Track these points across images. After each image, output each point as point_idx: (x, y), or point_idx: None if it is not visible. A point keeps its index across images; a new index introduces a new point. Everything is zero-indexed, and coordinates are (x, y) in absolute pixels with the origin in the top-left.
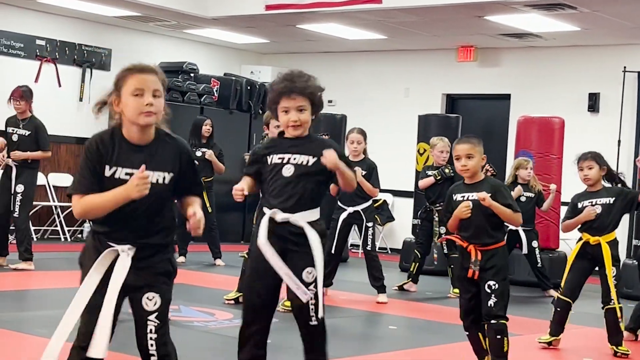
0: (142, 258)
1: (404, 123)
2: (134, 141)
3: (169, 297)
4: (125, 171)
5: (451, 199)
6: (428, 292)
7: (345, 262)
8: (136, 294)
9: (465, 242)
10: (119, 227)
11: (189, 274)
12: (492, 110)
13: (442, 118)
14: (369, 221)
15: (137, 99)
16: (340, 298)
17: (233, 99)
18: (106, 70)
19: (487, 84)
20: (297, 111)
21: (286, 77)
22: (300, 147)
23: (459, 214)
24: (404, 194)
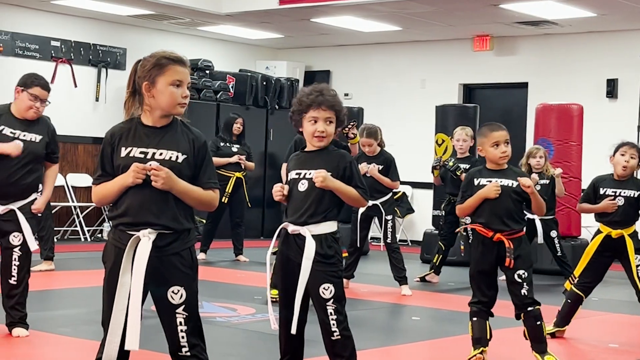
0: (162, 246)
1: (421, 114)
2: (152, 124)
3: (195, 289)
4: (140, 150)
5: (472, 183)
6: (450, 282)
7: (366, 255)
8: (159, 289)
9: (490, 231)
10: (136, 211)
11: (210, 270)
12: (510, 99)
13: (459, 108)
14: (387, 214)
15: (175, 90)
16: (362, 290)
17: (249, 95)
18: (121, 69)
19: (504, 72)
20: (325, 123)
21: (315, 89)
22: (315, 161)
23: (488, 192)
24: (423, 186)
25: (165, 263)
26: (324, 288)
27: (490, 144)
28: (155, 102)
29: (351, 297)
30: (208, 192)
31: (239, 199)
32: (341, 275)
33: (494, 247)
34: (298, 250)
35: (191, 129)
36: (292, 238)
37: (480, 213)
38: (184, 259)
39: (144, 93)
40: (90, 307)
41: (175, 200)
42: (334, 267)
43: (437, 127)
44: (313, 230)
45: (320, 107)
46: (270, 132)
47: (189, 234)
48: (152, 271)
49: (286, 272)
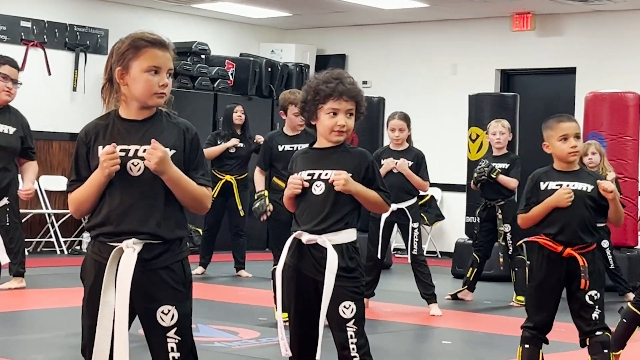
0: (149, 259)
1: (452, 105)
2: (131, 117)
3: (189, 309)
4: (120, 148)
5: (537, 187)
6: (486, 300)
7: (388, 269)
8: (147, 310)
9: (559, 245)
10: (118, 218)
11: (207, 287)
12: (555, 87)
13: (496, 97)
14: (414, 221)
15: (151, 77)
16: (384, 311)
17: (251, 83)
18: (103, 54)
19: (547, 56)
20: (346, 115)
21: (333, 76)
22: (332, 160)
23: (559, 200)
24: (455, 188)
25: (153, 278)
26: (345, 307)
27: (558, 137)
28: (129, 91)
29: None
30: (202, 188)
31: (243, 205)
32: (363, 291)
33: (562, 263)
34: (314, 264)
35: (178, 119)
36: (306, 249)
37: (548, 223)
38: (175, 273)
39: (117, 81)
40: (66, 330)
41: (165, 204)
42: (356, 282)
43: (471, 120)
44: (333, 240)
45: (341, 97)
46: (276, 126)
47: (180, 244)
48: (138, 288)
49: (299, 289)
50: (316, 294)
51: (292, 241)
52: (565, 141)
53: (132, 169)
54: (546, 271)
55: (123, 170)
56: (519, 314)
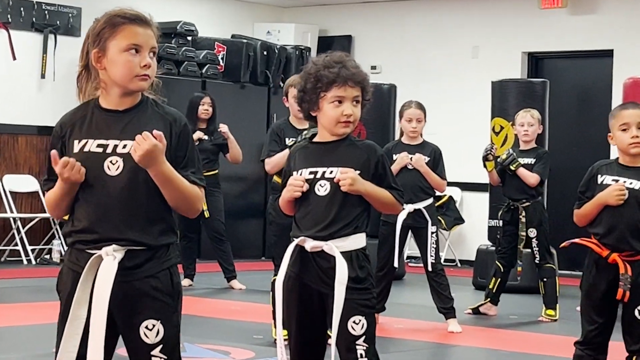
0: (131, 268)
1: (472, 93)
2: (112, 106)
3: (177, 324)
4: (98, 143)
5: (594, 181)
6: (512, 315)
7: (400, 280)
8: (129, 325)
9: (605, 249)
10: (95, 223)
11: (195, 302)
12: (590, 72)
13: (523, 84)
14: (433, 224)
15: (131, 58)
16: (396, 327)
17: (244, 68)
18: (75, 35)
19: (581, 37)
20: (352, 103)
21: (334, 60)
22: (336, 155)
23: (608, 197)
24: (476, 187)
25: (135, 289)
26: (354, 322)
27: (619, 127)
28: (107, 76)
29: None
30: (193, 187)
31: (212, 207)
32: (375, 304)
33: (609, 271)
34: (319, 274)
35: (166, 109)
36: (310, 258)
37: (597, 223)
38: (162, 283)
39: (94, 65)
40: (35, 350)
41: (149, 206)
42: (367, 293)
43: (494, 110)
44: (341, 246)
45: (346, 83)
46: (273, 117)
47: (168, 251)
48: (118, 301)
49: (301, 303)
50: (321, 308)
51: (293, 248)
52: (626, 131)
53: (109, 168)
54: (594, 278)
55: (99, 169)
56: (549, 330)
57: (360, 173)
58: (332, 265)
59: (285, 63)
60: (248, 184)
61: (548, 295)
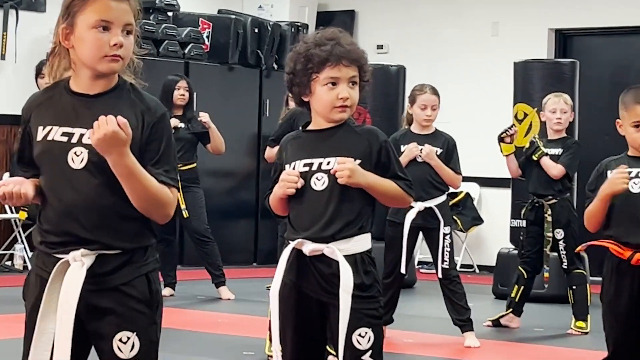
0: (103, 274)
1: (492, 75)
2: (83, 90)
3: (155, 337)
4: (63, 130)
5: (604, 177)
6: (537, 328)
7: (411, 288)
8: (102, 338)
9: (628, 249)
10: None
11: (178, 313)
12: (624, 51)
13: (549, 65)
14: (446, 224)
15: (100, 35)
16: (406, 341)
17: (233, 48)
18: (39, 11)
19: (616, 11)
20: (348, 85)
21: (326, 37)
22: (334, 144)
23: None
24: (496, 183)
25: (108, 298)
26: (360, 335)
27: (632, 123)
28: (76, 55)
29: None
30: (162, 188)
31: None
32: (382, 314)
33: (634, 275)
34: (319, 281)
35: (144, 97)
36: (308, 263)
37: (612, 223)
38: (138, 291)
39: (62, 42)
40: None
41: (123, 204)
42: (374, 302)
43: (517, 94)
44: (344, 249)
45: (340, 62)
46: (265, 103)
47: (145, 255)
48: (90, 311)
49: (299, 314)
50: (321, 320)
51: (289, 253)
52: (638, 129)
53: (73, 160)
54: (616, 286)
55: (63, 161)
56: (579, 345)
57: (361, 163)
58: (334, 271)
59: (280, 42)
60: (237, 180)
61: (578, 304)
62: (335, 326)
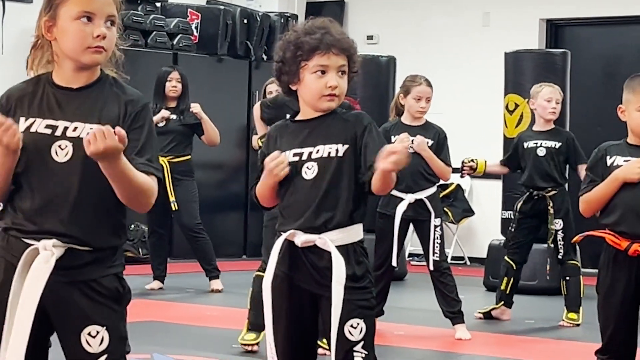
0: (73, 268)
1: (482, 65)
2: (66, 83)
3: (123, 332)
4: (46, 123)
5: (603, 162)
6: (529, 320)
7: (402, 281)
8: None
9: (625, 240)
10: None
11: (166, 307)
12: (616, 41)
13: (541, 55)
14: (437, 216)
15: (83, 27)
16: (397, 334)
17: (222, 39)
18: (26, 1)
19: (606, 2)
20: (338, 74)
21: (316, 26)
22: (323, 132)
23: (627, 172)
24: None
25: (78, 292)
26: (352, 326)
27: (638, 107)
28: (58, 47)
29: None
30: (146, 179)
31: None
32: (374, 305)
33: (631, 266)
34: (310, 273)
35: (126, 89)
36: (300, 254)
37: (610, 210)
38: (106, 288)
39: (44, 35)
40: None
41: (100, 201)
42: (366, 293)
43: (508, 85)
44: (336, 240)
45: (330, 50)
46: (254, 95)
47: (114, 256)
48: (57, 302)
49: (291, 306)
50: (313, 311)
51: (281, 244)
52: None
53: (57, 153)
54: (612, 277)
55: (46, 154)
56: (571, 337)
57: (348, 148)
58: (326, 262)
59: (269, 33)
60: (226, 172)
61: (571, 296)
62: (327, 317)
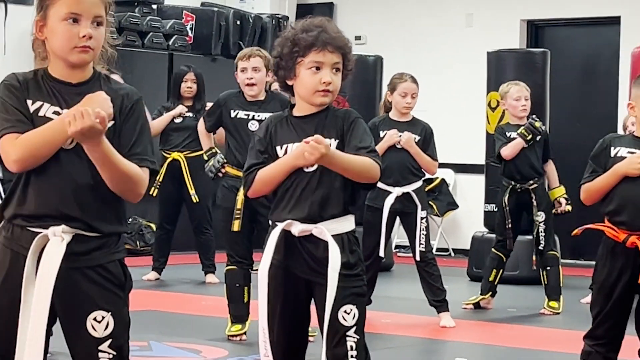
0: (80, 254)
1: (466, 65)
2: (62, 77)
3: (127, 318)
4: (54, 109)
5: (607, 153)
6: (511, 308)
7: (389, 271)
8: (74, 317)
9: (623, 232)
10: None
11: (165, 297)
12: (595, 41)
13: (522, 55)
14: (423, 208)
15: (69, 27)
16: (384, 322)
17: (216, 40)
18: (27, 4)
19: (585, 3)
20: (332, 71)
21: (314, 24)
22: (318, 127)
23: (629, 166)
24: (470, 169)
25: (83, 277)
26: (345, 312)
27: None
28: (49, 46)
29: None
30: (134, 167)
31: (198, 192)
32: (366, 291)
33: (628, 258)
34: (307, 261)
35: (119, 84)
36: (296, 243)
37: (610, 199)
38: (112, 274)
39: (36, 35)
40: None
41: (108, 188)
42: (359, 280)
43: (490, 83)
44: (332, 229)
45: (325, 48)
46: None
47: (118, 241)
48: (63, 288)
49: (286, 294)
50: (307, 299)
51: (278, 233)
52: None
53: None
54: (610, 267)
55: None
56: (552, 324)
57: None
58: (322, 251)
59: (261, 33)
60: None
61: (551, 285)
62: (321, 304)
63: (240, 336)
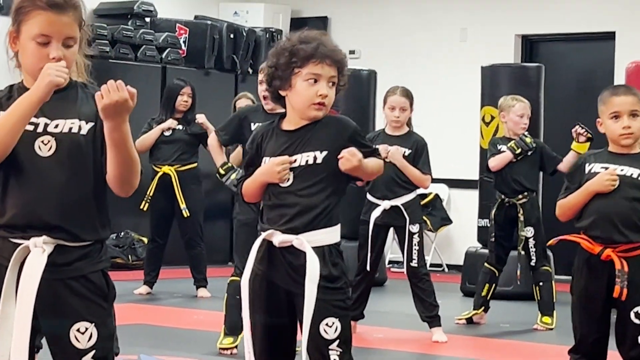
0: (62, 265)
1: (460, 79)
2: None
3: (111, 328)
4: None
5: (581, 170)
6: (504, 323)
7: (381, 286)
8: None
9: (598, 245)
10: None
11: (155, 311)
12: (589, 57)
13: (516, 69)
14: (413, 223)
15: (39, 49)
16: (376, 337)
17: (209, 53)
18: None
19: (580, 18)
20: (328, 84)
21: (311, 36)
22: (303, 140)
23: (599, 184)
24: (464, 184)
25: (65, 289)
26: (327, 324)
27: (609, 115)
28: (21, 59)
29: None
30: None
31: (190, 206)
32: (349, 305)
33: (603, 270)
34: (288, 272)
35: (97, 89)
36: (278, 254)
37: (584, 215)
38: (95, 284)
39: (10, 46)
40: None
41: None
42: (341, 293)
43: (484, 98)
44: (312, 241)
45: (324, 61)
46: None
47: (101, 251)
48: (45, 300)
49: (269, 304)
50: (290, 309)
51: (260, 243)
52: (616, 119)
53: (40, 148)
54: (586, 280)
55: (30, 149)
56: (545, 340)
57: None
58: (302, 262)
59: (254, 47)
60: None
61: (544, 301)
62: (302, 315)
63: (232, 349)
